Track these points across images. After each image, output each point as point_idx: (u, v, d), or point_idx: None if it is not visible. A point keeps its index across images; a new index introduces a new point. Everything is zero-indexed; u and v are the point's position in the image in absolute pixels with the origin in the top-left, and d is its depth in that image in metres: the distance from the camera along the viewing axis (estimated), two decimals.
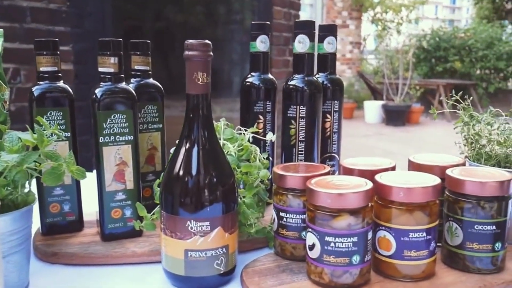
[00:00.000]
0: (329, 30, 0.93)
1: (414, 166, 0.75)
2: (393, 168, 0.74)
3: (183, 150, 0.64)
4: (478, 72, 8.51)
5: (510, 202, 0.66)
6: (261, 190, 0.78)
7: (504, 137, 0.77)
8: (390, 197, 0.63)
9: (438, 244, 0.70)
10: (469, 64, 8.41)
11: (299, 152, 0.87)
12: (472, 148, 0.79)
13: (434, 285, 0.63)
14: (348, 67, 8.97)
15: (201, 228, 0.63)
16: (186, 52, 0.62)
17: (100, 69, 0.75)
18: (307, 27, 0.84)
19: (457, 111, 0.81)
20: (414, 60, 8.47)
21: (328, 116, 0.94)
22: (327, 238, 0.61)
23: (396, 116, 7.31)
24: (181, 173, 0.64)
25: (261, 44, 0.91)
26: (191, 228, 0.63)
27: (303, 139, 0.86)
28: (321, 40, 0.93)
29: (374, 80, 8.36)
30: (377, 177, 0.65)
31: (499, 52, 8.17)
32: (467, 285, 0.63)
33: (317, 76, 0.94)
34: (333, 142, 0.95)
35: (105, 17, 2.27)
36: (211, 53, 0.63)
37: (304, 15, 7.86)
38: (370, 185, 0.62)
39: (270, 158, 0.94)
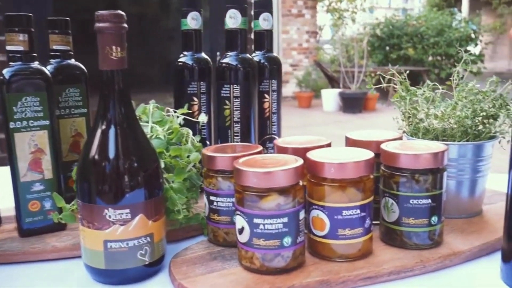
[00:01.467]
0: (264, 6, 0.89)
1: (350, 143, 0.72)
2: (329, 146, 0.71)
3: (98, 133, 0.59)
4: (430, 58, 8.71)
5: (445, 174, 0.64)
6: (193, 174, 0.73)
7: (441, 110, 0.75)
8: (322, 174, 0.59)
9: (376, 222, 0.68)
10: (421, 51, 8.60)
11: (235, 134, 0.83)
12: (410, 123, 0.77)
13: (370, 264, 0.60)
14: (305, 57, 8.99)
15: (121, 216, 0.58)
16: (97, 24, 0.57)
17: (8, 48, 0.68)
18: (238, 1, 0.80)
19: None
20: (369, 48, 8.58)
21: (266, 96, 0.90)
22: (255, 220, 0.57)
23: (353, 104, 7.39)
24: (96, 157, 0.58)
25: (192, 21, 0.86)
26: (109, 216, 0.57)
27: (239, 120, 0.82)
28: (256, 17, 0.89)
29: (331, 69, 8.43)
30: (309, 154, 0.62)
31: (449, 39, 8.38)
32: (404, 262, 0.61)
33: (253, 54, 0.90)
34: (273, 123, 0.91)
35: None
36: (125, 25, 0.58)
37: None
38: (300, 162, 0.59)
39: (208, 143, 0.90)
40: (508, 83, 0.75)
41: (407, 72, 0.79)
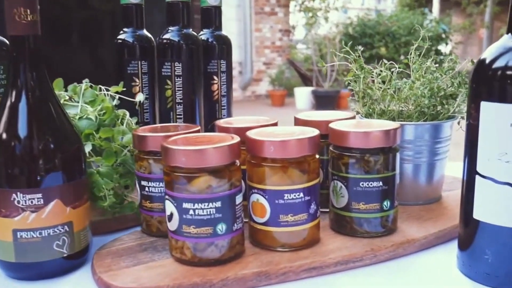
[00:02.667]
0: None
1: (299, 123, 0.66)
2: (275, 125, 0.64)
3: (6, 108, 0.51)
4: (402, 57, 8.78)
5: (398, 155, 0.59)
6: (128, 159, 0.66)
7: (397, 89, 0.70)
8: (261, 153, 0.53)
9: (326, 210, 0.62)
10: (393, 50, 8.65)
11: (178, 117, 0.76)
12: (364, 104, 0.72)
13: (316, 254, 0.54)
14: (278, 55, 8.96)
15: (31, 202, 0.50)
16: None
17: None
18: None
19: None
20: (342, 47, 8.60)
21: (215, 77, 0.83)
22: (185, 205, 0.50)
23: (326, 102, 7.38)
24: (3, 135, 0.51)
25: None
26: (18, 202, 0.50)
27: (181, 101, 0.75)
28: None
29: (304, 67, 8.41)
30: (249, 133, 0.56)
31: (417, 37, 8.46)
32: (353, 251, 0.55)
33: (201, 32, 0.84)
34: (222, 107, 0.85)
35: None
36: None
37: (232, 3, 7.75)
38: (236, 140, 0.52)
39: None
40: (467, 60, 0.70)
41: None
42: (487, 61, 0.48)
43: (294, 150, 0.53)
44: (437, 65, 0.72)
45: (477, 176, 0.49)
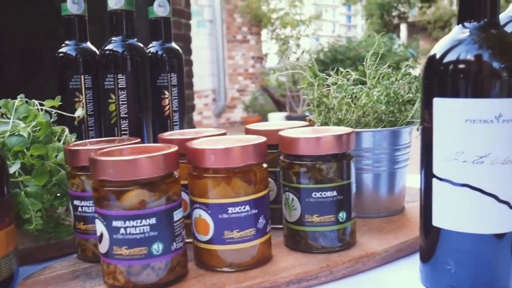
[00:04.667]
0: None
1: (250, 133, 0.62)
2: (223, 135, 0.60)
3: None
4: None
5: (353, 162, 0.55)
6: (65, 178, 0.60)
7: (349, 99, 0.66)
8: (202, 163, 0.48)
9: (279, 226, 0.58)
10: (363, 74, 8.80)
11: (123, 132, 0.71)
12: (320, 112, 0.68)
13: (266, 273, 0.49)
14: (251, 82, 9.00)
15: None
16: None
17: None
18: None
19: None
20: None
21: (166, 91, 0.79)
22: (115, 223, 0.45)
23: None
24: None
25: (73, 5, 0.74)
26: None
27: (126, 115, 0.70)
28: (150, 3, 0.78)
29: (277, 93, 8.46)
30: (189, 143, 0.51)
31: (388, 62, 8.64)
32: (307, 268, 0.50)
33: (150, 45, 0.80)
34: (175, 122, 0.80)
35: None
36: None
37: (204, 31, 7.80)
38: (173, 149, 0.47)
39: None
40: (422, 64, 0.67)
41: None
42: (438, 56, 0.44)
43: (237, 158, 0.48)
44: (392, 70, 0.69)
45: (434, 179, 0.45)
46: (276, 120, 7.61)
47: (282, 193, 0.55)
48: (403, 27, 12.86)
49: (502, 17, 0.54)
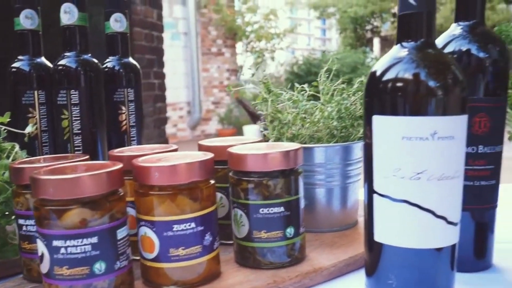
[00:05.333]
0: (116, 6, 0.78)
1: (202, 149, 0.62)
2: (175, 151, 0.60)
3: None
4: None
5: (301, 178, 0.55)
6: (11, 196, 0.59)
7: (303, 114, 0.67)
8: (148, 181, 0.48)
9: (231, 242, 0.58)
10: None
11: (76, 148, 0.70)
12: (274, 128, 0.69)
13: None
14: (226, 94, 9.01)
15: None
16: None
17: None
18: None
19: None
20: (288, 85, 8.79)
21: (122, 107, 0.78)
22: (55, 243, 0.44)
23: None
24: None
25: (26, 20, 0.73)
26: None
27: (79, 131, 0.69)
28: (107, 18, 0.78)
29: (253, 106, 8.48)
30: (135, 160, 0.51)
31: (362, 75, 8.80)
32: (254, 284, 0.50)
33: (107, 60, 0.79)
34: (132, 138, 0.79)
35: None
36: None
37: (178, 44, 7.79)
38: (117, 166, 0.47)
39: None
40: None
41: None
42: (378, 73, 0.45)
43: (183, 175, 0.48)
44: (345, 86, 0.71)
45: (374, 195, 0.46)
46: (251, 132, 7.62)
47: (232, 209, 0.55)
48: (376, 41, 13.11)
49: (445, 36, 0.56)
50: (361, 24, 11.72)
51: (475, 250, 0.57)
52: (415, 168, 0.43)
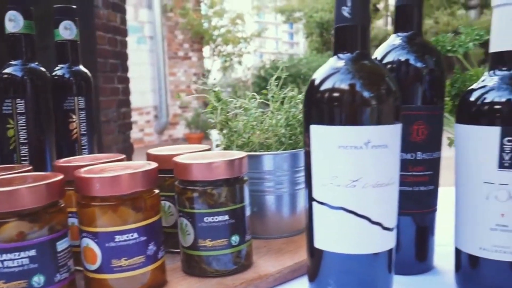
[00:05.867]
0: (65, 13, 0.77)
1: (150, 159, 0.62)
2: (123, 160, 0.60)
3: None
4: None
5: (247, 186, 0.56)
6: None
7: (252, 122, 0.68)
8: (89, 192, 0.48)
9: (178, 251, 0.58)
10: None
11: (22, 158, 0.69)
12: (224, 135, 0.69)
13: None
14: (193, 98, 8.98)
15: None
16: None
17: None
18: (17, 1, 0.68)
19: None
20: (256, 89, 8.83)
21: (73, 115, 0.77)
22: None
23: None
24: None
25: None
26: None
27: (26, 141, 0.68)
28: (56, 26, 0.77)
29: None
30: (77, 171, 0.50)
31: None
32: None
33: (57, 68, 0.78)
34: (83, 146, 0.79)
35: None
36: None
37: (144, 48, 7.72)
38: (58, 177, 0.47)
39: None
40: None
41: None
42: (315, 84, 0.47)
43: (125, 186, 0.48)
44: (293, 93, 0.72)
45: (313, 203, 0.47)
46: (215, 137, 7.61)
47: (178, 218, 0.55)
48: None
49: (385, 46, 0.57)
50: (327, 28, 11.88)
51: (417, 253, 0.59)
52: (350, 176, 0.44)
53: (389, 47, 0.57)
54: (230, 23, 9.26)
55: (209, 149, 0.65)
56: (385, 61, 0.56)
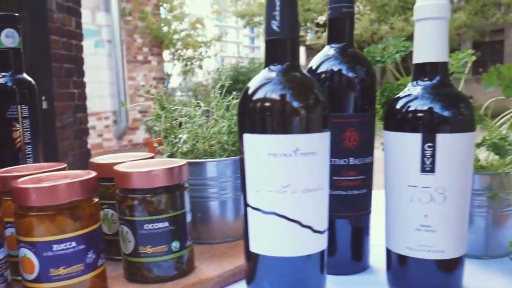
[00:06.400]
0: (7, 21, 0.77)
1: (93, 167, 0.63)
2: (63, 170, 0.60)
3: None
4: None
5: (187, 192, 0.57)
6: None
7: (196, 130, 0.69)
8: (26, 202, 0.48)
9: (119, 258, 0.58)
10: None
11: None
12: (168, 143, 0.71)
13: None
14: (154, 103, 8.87)
15: None
16: None
17: None
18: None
19: None
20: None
21: (16, 124, 0.76)
22: None
23: None
24: None
25: None
26: None
27: None
28: None
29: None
30: (14, 182, 0.50)
31: None
32: None
33: (0, 76, 0.77)
34: (27, 155, 0.78)
35: None
36: None
37: (103, 52, 7.59)
38: None
39: None
40: None
41: None
42: (247, 94, 0.49)
43: (62, 195, 0.48)
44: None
45: (248, 208, 0.49)
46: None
47: (119, 226, 0.56)
48: (302, 50, 13.49)
49: (319, 56, 0.60)
50: None
51: (353, 254, 0.62)
52: (281, 182, 0.46)
53: (323, 58, 0.60)
54: (190, 27, 9.23)
55: (152, 157, 0.66)
56: (319, 70, 0.59)
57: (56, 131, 3.25)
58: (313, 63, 0.60)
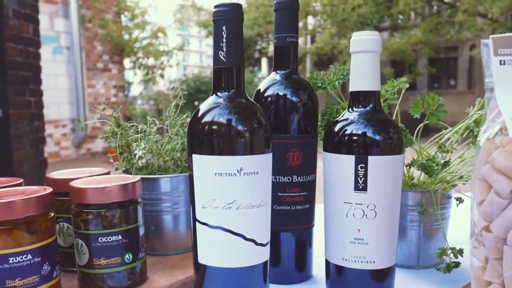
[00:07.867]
0: None
1: (49, 183, 0.65)
2: (20, 185, 0.62)
3: None
4: None
5: (140, 207, 0.61)
6: None
7: (151, 147, 0.73)
8: None
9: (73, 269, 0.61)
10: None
11: None
12: (123, 159, 0.74)
13: None
14: (114, 111, 8.76)
15: None
16: None
17: None
18: None
19: None
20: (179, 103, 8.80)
21: None
22: None
23: None
24: None
25: None
26: None
27: None
28: None
29: (142, 122, 8.36)
30: None
31: (250, 94, 9.13)
32: None
33: None
34: None
35: None
36: None
37: (61, 58, 7.45)
38: None
39: None
40: None
41: None
42: (196, 118, 0.53)
43: (18, 211, 0.51)
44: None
45: (196, 223, 0.53)
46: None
47: (74, 238, 0.59)
48: (264, 61, 13.65)
49: (267, 81, 0.65)
50: (250, 44, 12.14)
51: (296, 264, 0.67)
52: (226, 199, 0.51)
53: (269, 82, 0.65)
54: (151, 36, 9.19)
55: (108, 173, 0.69)
56: (266, 94, 0.64)
57: (11, 140, 3.18)
58: (261, 86, 0.65)
